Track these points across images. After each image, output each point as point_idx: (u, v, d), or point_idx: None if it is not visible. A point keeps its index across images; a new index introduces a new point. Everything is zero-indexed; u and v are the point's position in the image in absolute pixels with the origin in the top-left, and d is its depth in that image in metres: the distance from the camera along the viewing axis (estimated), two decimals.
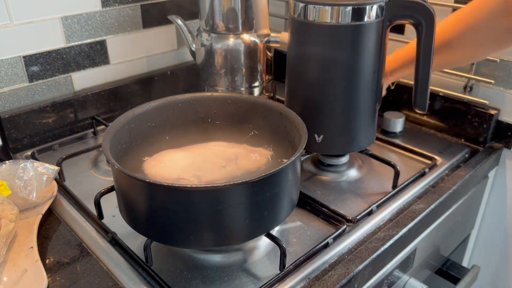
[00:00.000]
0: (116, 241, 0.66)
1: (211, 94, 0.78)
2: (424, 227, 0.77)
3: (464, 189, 0.85)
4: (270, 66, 1.02)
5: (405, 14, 0.72)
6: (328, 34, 0.72)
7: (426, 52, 0.72)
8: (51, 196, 0.75)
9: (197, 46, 0.99)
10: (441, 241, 0.88)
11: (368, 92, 0.76)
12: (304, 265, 0.63)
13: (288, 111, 0.70)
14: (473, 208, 0.97)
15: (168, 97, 0.75)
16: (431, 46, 0.72)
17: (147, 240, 0.61)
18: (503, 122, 0.92)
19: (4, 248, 0.62)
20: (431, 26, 0.70)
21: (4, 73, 0.89)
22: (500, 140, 0.93)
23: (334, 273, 0.62)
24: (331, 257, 0.65)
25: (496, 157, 0.93)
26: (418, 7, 0.70)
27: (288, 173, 0.59)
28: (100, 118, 0.99)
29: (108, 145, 0.61)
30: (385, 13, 0.71)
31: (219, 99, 0.77)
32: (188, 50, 1.01)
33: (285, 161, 0.57)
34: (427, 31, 0.71)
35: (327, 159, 0.85)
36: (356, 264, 0.64)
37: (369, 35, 0.71)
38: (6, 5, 0.86)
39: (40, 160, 0.85)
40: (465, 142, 0.95)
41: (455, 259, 0.98)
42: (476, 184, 0.91)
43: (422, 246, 0.80)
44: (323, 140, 0.78)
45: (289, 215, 0.64)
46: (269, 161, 0.69)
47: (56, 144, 0.94)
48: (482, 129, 0.92)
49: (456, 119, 0.95)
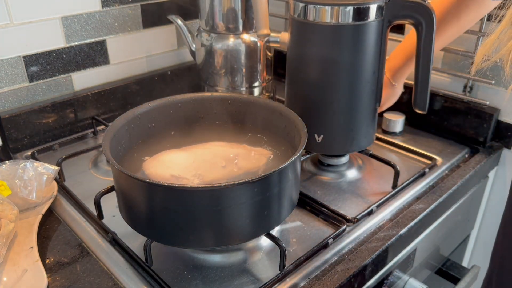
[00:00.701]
0: (116, 241, 0.67)
1: (211, 94, 0.78)
2: (424, 227, 0.77)
3: (464, 189, 0.85)
4: (270, 66, 1.02)
5: (405, 14, 0.72)
6: (328, 34, 0.72)
7: (426, 52, 0.72)
8: (51, 196, 0.75)
9: (197, 46, 0.99)
10: (441, 241, 0.88)
11: (368, 92, 0.76)
12: (304, 265, 0.63)
13: (288, 111, 0.70)
14: (473, 208, 0.97)
15: (168, 97, 0.75)
16: (431, 46, 0.72)
17: (147, 240, 0.61)
18: (503, 122, 0.92)
19: (4, 248, 0.62)
20: (431, 26, 0.70)
21: (4, 73, 0.89)
22: (500, 140, 0.93)
23: (334, 273, 0.62)
24: (331, 257, 0.65)
25: (496, 157, 0.93)
26: (418, 7, 0.70)
27: (288, 173, 0.59)
28: (100, 118, 0.99)
29: (108, 145, 0.61)
30: (385, 13, 0.71)
31: (219, 99, 0.77)
32: (188, 50, 1.01)
33: (285, 161, 0.57)
34: (427, 31, 0.71)
35: (327, 159, 0.85)
36: (356, 264, 0.64)
37: (369, 35, 0.71)
38: (6, 5, 0.86)
39: (40, 160, 0.85)
40: (465, 142, 0.95)
41: (455, 259, 0.98)
42: (476, 184, 0.91)
43: (422, 246, 0.80)
44: (323, 140, 0.78)
45: (289, 215, 0.64)
46: (269, 161, 0.69)
47: (56, 144, 0.94)
48: (482, 129, 0.92)
49: (456, 119, 0.95)
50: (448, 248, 0.95)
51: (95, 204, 0.69)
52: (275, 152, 0.71)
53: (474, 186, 0.90)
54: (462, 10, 0.77)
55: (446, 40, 0.82)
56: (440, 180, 0.84)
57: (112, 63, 1.05)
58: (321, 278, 0.62)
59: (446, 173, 0.85)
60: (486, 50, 0.66)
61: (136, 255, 0.64)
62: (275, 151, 0.71)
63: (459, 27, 0.79)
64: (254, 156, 0.69)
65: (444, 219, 0.83)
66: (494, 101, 0.92)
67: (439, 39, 0.79)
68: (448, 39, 0.82)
